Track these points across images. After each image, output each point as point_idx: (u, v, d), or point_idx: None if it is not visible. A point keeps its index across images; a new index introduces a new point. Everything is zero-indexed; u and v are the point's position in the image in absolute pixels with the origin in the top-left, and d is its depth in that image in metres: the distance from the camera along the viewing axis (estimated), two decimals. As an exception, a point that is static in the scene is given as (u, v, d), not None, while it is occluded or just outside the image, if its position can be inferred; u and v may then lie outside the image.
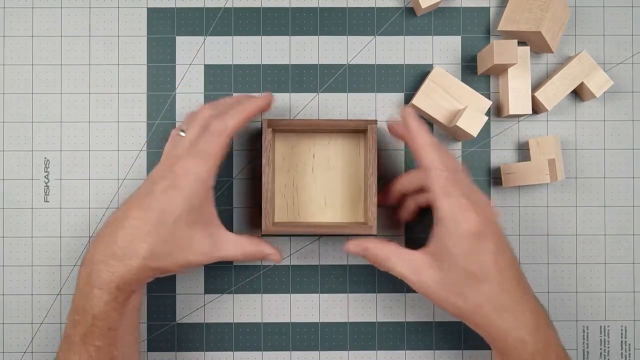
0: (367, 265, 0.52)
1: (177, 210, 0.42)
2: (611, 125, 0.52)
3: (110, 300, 0.42)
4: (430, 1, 0.50)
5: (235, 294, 0.52)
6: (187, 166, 0.43)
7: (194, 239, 0.44)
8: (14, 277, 0.52)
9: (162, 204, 0.42)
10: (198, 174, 0.43)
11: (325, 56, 0.52)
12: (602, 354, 0.52)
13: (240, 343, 0.52)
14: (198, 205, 0.43)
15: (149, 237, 0.42)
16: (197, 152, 0.43)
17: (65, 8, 0.52)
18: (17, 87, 0.52)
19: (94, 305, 0.42)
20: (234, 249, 0.46)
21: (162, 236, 0.42)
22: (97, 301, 0.42)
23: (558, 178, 0.50)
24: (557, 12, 0.48)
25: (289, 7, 0.52)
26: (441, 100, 0.50)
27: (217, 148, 0.44)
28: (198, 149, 0.44)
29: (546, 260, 0.52)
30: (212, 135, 0.44)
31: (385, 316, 0.52)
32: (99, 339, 0.42)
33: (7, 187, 0.52)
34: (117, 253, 0.42)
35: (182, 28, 0.52)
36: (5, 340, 0.52)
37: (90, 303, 0.42)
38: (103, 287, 0.42)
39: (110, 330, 0.43)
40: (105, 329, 0.42)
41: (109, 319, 0.42)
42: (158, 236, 0.42)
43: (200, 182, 0.43)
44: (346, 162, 0.52)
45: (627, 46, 0.53)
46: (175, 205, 0.42)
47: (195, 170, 0.43)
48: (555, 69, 0.52)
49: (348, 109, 0.52)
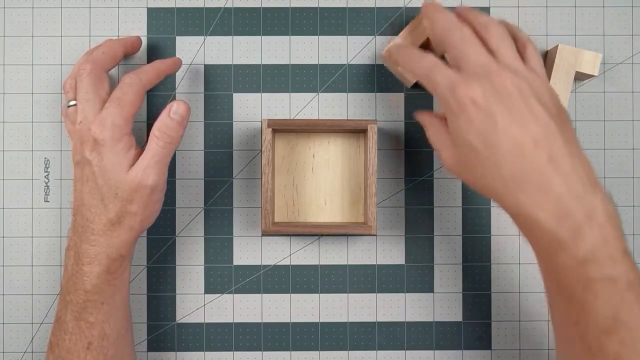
0: (367, 265, 0.52)
1: (111, 162, 0.43)
2: (611, 125, 0.52)
3: (102, 272, 0.43)
4: None
5: (235, 294, 0.52)
6: (102, 117, 0.43)
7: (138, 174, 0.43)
8: (14, 277, 0.52)
9: (96, 164, 0.43)
10: (114, 120, 0.43)
11: (325, 56, 0.52)
12: (602, 354, 0.52)
13: (240, 343, 0.52)
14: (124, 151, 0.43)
15: (109, 206, 0.43)
16: (112, 102, 0.43)
17: (65, 8, 0.52)
18: (17, 87, 0.52)
19: (86, 281, 0.43)
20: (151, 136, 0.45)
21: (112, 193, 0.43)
22: (89, 275, 0.43)
23: None
24: None
25: (289, 7, 0.52)
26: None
27: (132, 95, 0.44)
28: (111, 100, 0.44)
29: (546, 260, 0.52)
30: (124, 85, 0.44)
31: (385, 316, 0.52)
32: (92, 314, 0.43)
33: (7, 187, 0.52)
34: (94, 229, 0.43)
35: (182, 28, 0.52)
36: (5, 340, 0.52)
37: (82, 280, 0.43)
38: (92, 262, 0.43)
39: (103, 305, 0.43)
40: (98, 304, 0.43)
41: (101, 293, 0.43)
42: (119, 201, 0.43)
43: (117, 128, 0.43)
44: (346, 162, 0.52)
45: (627, 46, 0.53)
46: (107, 159, 0.43)
47: (111, 118, 0.43)
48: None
49: (348, 109, 0.52)
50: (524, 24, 0.53)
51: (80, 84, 0.45)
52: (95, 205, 0.43)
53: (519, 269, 0.52)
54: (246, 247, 0.52)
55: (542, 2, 0.53)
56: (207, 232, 0.52)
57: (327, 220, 0.52)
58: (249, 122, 0.52)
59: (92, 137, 0.43)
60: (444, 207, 0.52)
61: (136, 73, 0.46)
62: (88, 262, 0.43)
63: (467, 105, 0.39)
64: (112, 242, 0.43)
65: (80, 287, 0.43)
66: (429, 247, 0.52)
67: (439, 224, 0.52)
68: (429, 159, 0.52)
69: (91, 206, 0.43)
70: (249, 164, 0.52)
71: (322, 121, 0.48)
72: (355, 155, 0.52)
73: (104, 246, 0.43)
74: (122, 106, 0.43)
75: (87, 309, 0.43)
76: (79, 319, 0.43)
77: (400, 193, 0.52)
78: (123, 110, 0.43)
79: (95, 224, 0.43)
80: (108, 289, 0.44)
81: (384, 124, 0.52)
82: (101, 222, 0.43)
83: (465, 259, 0.52)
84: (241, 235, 0.52)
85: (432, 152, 0.52)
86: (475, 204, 0.52)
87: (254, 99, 0.52)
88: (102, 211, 0.43)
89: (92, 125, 0.43)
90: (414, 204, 0.52)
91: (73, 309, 0.43)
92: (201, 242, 0.52)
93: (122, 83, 0.45)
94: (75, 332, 0.43)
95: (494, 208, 0.52)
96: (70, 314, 0.44)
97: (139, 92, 0.45)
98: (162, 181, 0.45)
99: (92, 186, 0.43)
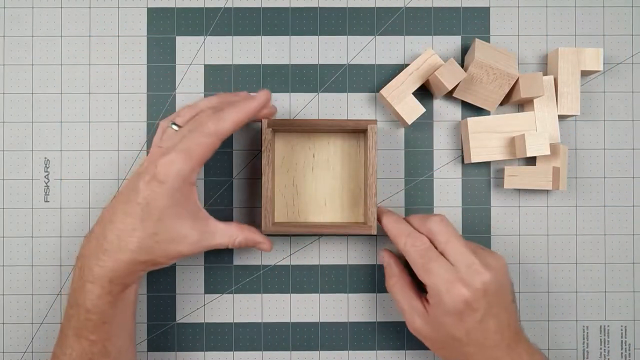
0: (367, 265, 0.52)
1: (161, 204, 0.42)
2: (611, 125, 0.52)
3: (103, 294, 0.42)
4: (416, 115, 0.50)
5: (235, 294, 0.52)
6: (171, 159, 0.42)
7: (181, 230, 0.43)
8: (14, 277, 0.52)
9: (146, 197, 0.42)
10: (180, 169, 0.42)
11: (325, 56, 0.52)
12: (602, 354, 0.52)
13: (240, 343, 0.52)
14: (181, 200, 0.43)
15: (136, 231, 0.42)
16: (183, 148, 0.42)
17: (65, 8, 0.52)
18: (17, 87, 0.52)
19: (87, 299, 0.42)
20: (223, 237, 0.45)
21: (149, 229, 0.42)
22: (89, 295, 0.42)
23: (560, 188, 0.50)
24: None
25: (289, 7, 0.52)
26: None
27: (205, 148, 0.42)
28: (186, 146, 0.42)
29: (546, 260, 0.52)
30: (202, 134, 0.42)
31: (385, 316, 0.52)
32: (93, 333, 0.43)
33: (7, 187, 0.52)
34: (107, 248, 0.42)
35: (182, 28, 0.52)
36: (5, 340, 0.52)
37: (83, 297, 0.42)
38: (95, 282, 0.42)
39: (104, 325, 0.43)
40: (99, 323, 0.43)
41: (102, 313, 0.42)
42: (145, 230, 0.42)
43: (181, 178, 0.42)
44: (346, 162, 0.52)
45: (627, 46, 0.53)
46: (159, 199, 0.42)
47: (178, 166, 0.42)
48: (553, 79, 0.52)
49: (348, 109, 0.52)
50: (524, 23, 0.53)
51: (196, 119, 0.44)
52: (122, 230, 0.42)
53: (519, 269, 0.52)
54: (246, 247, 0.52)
55: (542, 2, 0.53)
56: (207, 232, 0.52)
57: (327, 220, 0.52)
58: (249, 122, 0.52)
59: (154, 172, 0.42)
60: (444, 207, 0.52)
61: (220, 118, 0.43)
62: (91, 281, 0.42)
63: (460, 304, 0.43)
64: (119, 269, 0.42)
65: (81, 304, 0.42)
66: (429, 247, 0.52)
67: (439, 224, 0.52)
68: (429, 159, 0.52)
69: (117, 229, 0.42)
70: (249, 164, 0.52)
71: (322, 121, 0.48)
72: (355, 155, 0.52)
73: (109, 270, 0.42)
74: (192, 159, 0.42)
75: (87, 328, 0.42)
76: (80, 336, 0.43)
77: (400, 193, 0.52)
78: (192, 162, 0.42)
79: (111, 245, 0.42)
80: (110, 310, 0.43)
81: (384, 124, 0.52)
82: (118, 248, 0.42)
83: (465, 259, 0.52)
84: (241, 235, 0.52)
85: (432, 152, 0.52)
86: (475, 204, 0.52)
87: (254, 99, 0.52)
88: (130, 240, 0.42)
89: (159, 162, 0.42)
90: (414, 204, 0.52)
91: (75, 325, 0.43)
92: (201, 242, 0.52)
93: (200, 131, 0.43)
94: (76, 347, 0.43)
95: (493, 208, 0.52)
96: (71, 329, 0.43)
97: (214, 147, 0.43)
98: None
99: (131, 211, 0.42)
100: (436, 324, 0.44)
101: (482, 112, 0.52)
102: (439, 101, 0.52)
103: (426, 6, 0.52)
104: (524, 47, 0.52)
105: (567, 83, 0.50)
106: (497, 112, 0.52)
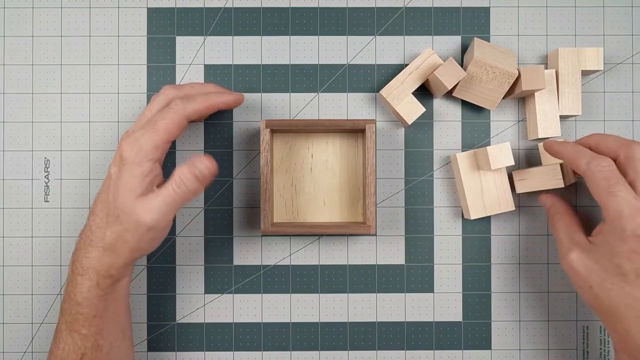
0: (367, 265, 0.52)
1: (122, 180, 0.42)
2: (611, 125, 0.52)
3: (92, 287, 0.43)
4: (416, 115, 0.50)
5: (235, 294, 0.52)
6: (135, 137, 0.42)
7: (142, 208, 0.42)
8: (14, 277, 0.52)
9: (112, 178, 0.43)
10: (143, 144, 0.42)
11: (325, 56, 0.52)
12: (602, 354, 0.52)
13: (240, 343, 0.52)
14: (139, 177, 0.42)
15: (110, 225, 0.42)
16: (148, 124, 0.43)
17: (65, 8, 0.52)
18: (17, 87, 0.52)
19: (77, 292, 0.43)
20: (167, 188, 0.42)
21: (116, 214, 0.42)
22: (80, 288, 0.43)
23: (571, 181, 0.50)
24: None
25: (289, 7, 0.52)
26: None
27: (170, 122, 0.43)
28: (152, 121, 0.43)
29: (546, 260, 0.52)
30: (169, 110, 0.43)
31: (385, 316, 0.52)
32: (84, 327, 0.43)
33: (7, 187, 0.52)
34: (92, 239, 0.43)
35: (182, 28, 0.52)
36: (5, 340, 0.52)
37: (74, 290, 0.43)
38: (84, 274, 0.43)
39: (95, 318, 0.43)
40: (89, 317, 0.43)
41: (92, 306, 0.43)
42: (118, 224, 0.42)
43: (143, 153, 0.42)
44: (344, 162, 0.52)
45: (627, 46, 0.53)
46: (121, 176, 0.42)
47: (141, 141, 0.42)
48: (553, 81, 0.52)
49: (348, 109, 0.52)
50: (524, 23, 0.53)
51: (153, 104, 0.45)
52: (100, 218, 0.43)
53: (519, 269, 0.52)
54: (246, 247, 0.52)
55: (542, 2, 0.53)
56: (207, 232, 0.52)
57: (326, 220, 0.52)
58: (249, 122, 0.52)
59: (120, 152, 0.42)
60: (444, 207, 0.52)
61: (183, 100, 0.44)
62: (81, 273, 0.43)
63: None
64: (103, 261, 0.43)
65: (72, 298, 0.43)
66: (429, 247, 0.52)
67: (438, 224, 0.52)
68: (428, 159, 0.52)
69: (97, 217, 0.43)
70: (248, 164, 0.52)
71: (320, 121, 0.48)
72: (353, 155, 0.52)
73: (95, 261, 0.43)
74: (157, 132, 0.42)
75: (78, 321, 0.43)
76: (71, 330, 0.43)
77: (400, 193, 0.52)
78: (156, 136, 0.42)
79: (94, 236, 0.43)
80: (100, 303, 0.43)
81: (383, 123, 0.52)
82: (98, 237, 0.43)
83: (465, 259, 0.52)
84: (241, 235, 0.52)
85: (431, 152, 0.52)
86: (475, 204, 0.52)
87: (254, 99, 0.52)
88: (103, 226, 0.43)
89: (124, 141, 0.42)
90: (413, 204, 0.52)
91: (67, 319, 0.43)
92: (201, 242, 0.52)
93: (167, 108, 0.44)
94: (69, 342, 0.43)
95: (494, 208, 0.52)
96: (64, 323, 0.44)
97: (179, 123, 0.43)
98: (163, 223, 0.42)
99: (104, 198, 0.43)
100: (601, 255, 0.42)
101: (482, 111, 0.52)
102: (438, 101, 0.52)
103: (426, 6, 0.52)
104: (524, 47, 0.52)
105: (567, 83, 0.50)
106: (497, 109, 0.52)
